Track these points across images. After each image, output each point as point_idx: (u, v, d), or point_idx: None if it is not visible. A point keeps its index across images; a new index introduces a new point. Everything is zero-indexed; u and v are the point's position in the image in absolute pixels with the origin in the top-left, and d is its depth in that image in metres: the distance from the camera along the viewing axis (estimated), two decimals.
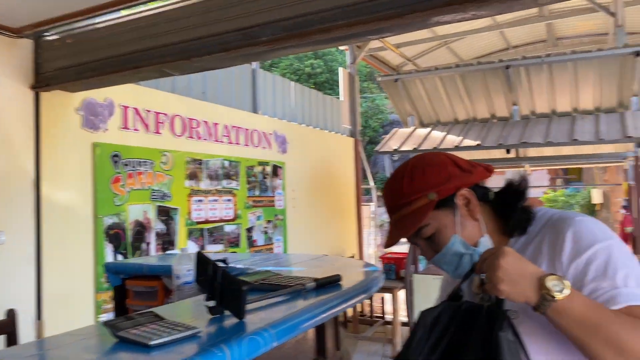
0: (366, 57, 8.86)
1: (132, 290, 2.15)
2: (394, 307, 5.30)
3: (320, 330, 1.57)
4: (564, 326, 0.92)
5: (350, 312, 6.21)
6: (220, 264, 1.16)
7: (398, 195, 1.15)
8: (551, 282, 0.90)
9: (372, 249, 7.98)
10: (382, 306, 6.85)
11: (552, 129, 4.63)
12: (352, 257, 6.77)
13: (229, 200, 4.70)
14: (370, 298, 6.49)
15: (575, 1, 6.65)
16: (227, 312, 1.15)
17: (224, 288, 1.13)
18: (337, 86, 7.94)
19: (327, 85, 18.36)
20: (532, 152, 5.79)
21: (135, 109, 3.79)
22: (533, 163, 5.71)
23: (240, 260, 2.30)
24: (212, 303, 1.15)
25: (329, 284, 1.41)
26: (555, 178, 14.49)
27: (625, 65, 4.42)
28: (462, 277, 1.09)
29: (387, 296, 6.10)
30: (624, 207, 7.63)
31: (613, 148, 5.53)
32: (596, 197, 9.28)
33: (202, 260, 1.23)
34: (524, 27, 8.61)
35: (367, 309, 6.69)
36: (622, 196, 7.34)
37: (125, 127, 3.71)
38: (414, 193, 1.12)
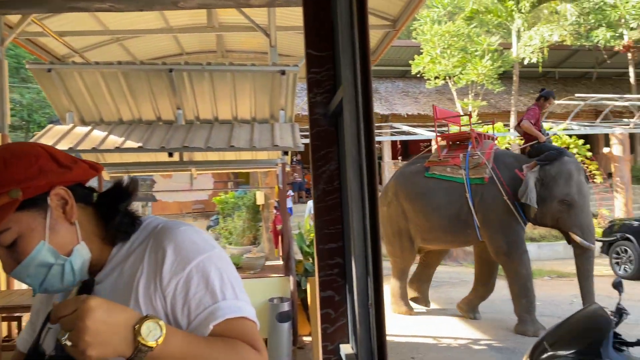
0: (23, 42, 7.70)
1: None
2: None
3: None
4: None
5: None
6: None
7: None
8: (146, 330, 0.81)
9: None
10: None
11: (213, 135, 4.84)
12: None
13: None
14: (19, 319, 5.60)
15: (240, 18, 7.19)
16: None
17: None
18: None
19: None
20: (198, 156, 5.97)
21: None
22: (199, 167, 5.89)
23: None
24: None
25: None
26: (227, 181, 15.52)
27: (275, 81, 4.97)
28: (39, 329, 0.93)
29: None
30: (275, 208, 8.64)
31: (267, 155, 6.17)
32: (259, 198, 10.26)
33: None
34: (197, 35, 8.92)
35: (14, 332, 5.75)
36: (276, 198, 8.29)
37: None
38: None
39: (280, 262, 6.00)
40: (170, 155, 4.74)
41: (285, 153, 5.30)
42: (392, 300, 7.34)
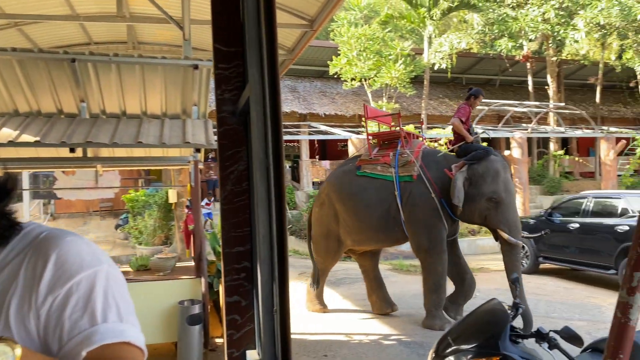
0: None
1: None
2: None
3: None
4: None
5: None
6: None
7: None
8: None
9: None
10: None
11: (120, 130, 4.58)
12: None
13: None
14: None
15: (152, 9, 6.89)
16: None
17: None
18: None
19: None
20: (104, 152, 5.65)
21: None
22: (104, 163, 5.57)
23: None
24: None
25: None
26: (138, 179, 14.86)
27: (187, 76, 4.80)
28: None
29: None
30: (187, 207, 8.39)
31: (179, 152, 5.96)
32: (172, 196, 9.89)
33: None
34: (106, 24, 8.45)
35: None
36: (188, 196, 8.05)
37: None
38: None
39: (192, 263, 5.82)
40: (72, 150, 4.43)
41: (198, 150, 5.14)
42: (307, 297, 7.37)
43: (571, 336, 2.71)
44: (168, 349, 5.28)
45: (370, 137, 7.55)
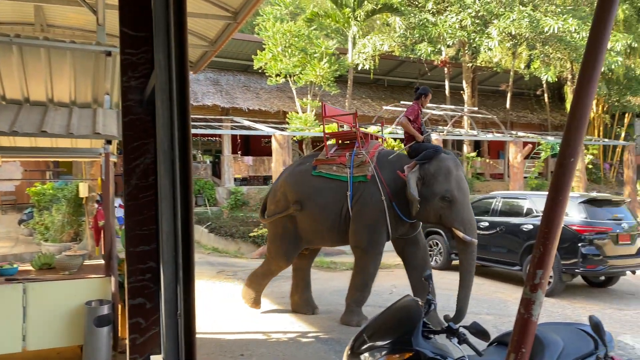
0: None
1: None
2: None
3: None
4: None
5: None
6: None
7: None
8: None
9: None
10: None
11: (21, 118, 4.23)
12: None
13: None
14: None
15: None
16: None
17: None
18: None
19: None
20: (4, 141, 5.20)
21: None
22: (4, 153, 5.13)
23: None
24: None
25: None
26: (45, 171, 13.91)
27: (99, 63, 4.51)
28: None
29: None
30: (98, 202, 7.96)
31: (90, 143, 5.61)
32: (83, 190, 9.35)
33: None
34: (11, 3, 7.80)
35: None
36: (99, 191, 7.64)
37: None
38: None
39: (102, 262, 5.50)
40: None
41: (109, 142, 4.85)
42: (246, 283, 7.18)
43: (479, 331, 2.82)
44: (73, 353, 4.96)
45: (327, 136, 7.45)
